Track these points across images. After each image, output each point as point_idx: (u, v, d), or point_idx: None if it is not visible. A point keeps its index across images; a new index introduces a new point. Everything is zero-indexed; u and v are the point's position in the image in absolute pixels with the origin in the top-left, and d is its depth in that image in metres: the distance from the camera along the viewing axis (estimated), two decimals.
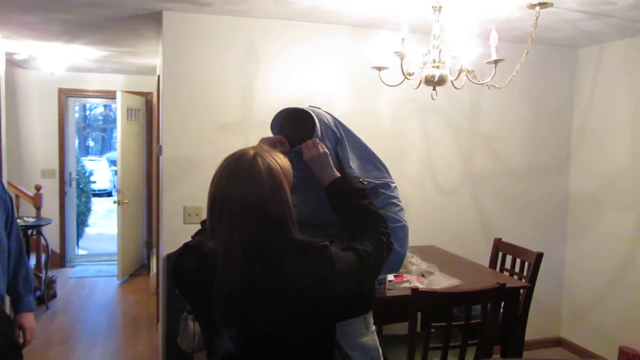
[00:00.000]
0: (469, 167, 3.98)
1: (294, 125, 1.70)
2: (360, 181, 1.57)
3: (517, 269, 3.29)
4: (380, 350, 1.82)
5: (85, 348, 4.25)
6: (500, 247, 3.46)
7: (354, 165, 1.72)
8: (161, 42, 3.47)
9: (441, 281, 2.75)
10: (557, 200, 4.23)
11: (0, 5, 3.30)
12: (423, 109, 3.81)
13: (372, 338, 1.80)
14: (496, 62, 2.50)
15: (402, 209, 1.74)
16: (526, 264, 3.20)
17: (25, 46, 4.69)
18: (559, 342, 4.29)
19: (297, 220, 1.34)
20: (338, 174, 1.57)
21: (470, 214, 4.01)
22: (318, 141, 1.60)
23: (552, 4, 2.93)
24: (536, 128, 4.13)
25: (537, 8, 2.96)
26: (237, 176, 1.27)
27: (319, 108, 1.76)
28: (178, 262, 1.39)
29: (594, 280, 4.03)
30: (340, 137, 1.72)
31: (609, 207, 3.91)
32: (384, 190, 1.72)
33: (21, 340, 2.24)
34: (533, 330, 4.06)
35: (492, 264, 3.47)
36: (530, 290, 3.02)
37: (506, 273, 3.34)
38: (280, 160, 1.33)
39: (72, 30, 3.99)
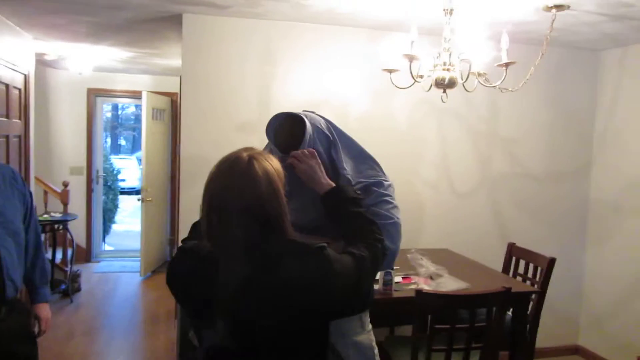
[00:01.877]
0: (485, 170, 3.96)
1: (289, 129, 1.74)
2: (355, 190, 1.62)
3: (530, 274, 3.25)
4: (376, 349, 1.84)
5: (106, 340, 4.37)
6: (513, 252, 3.43)
7: (347, 166, 1.75)
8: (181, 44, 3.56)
9: (449, 284, 2.75)
10: (577, 205, 4.16)
11: (30, 8, 3.44)
12: (440, 112, 3.80)
13: (367, 337, 1.82)
14: (507, 64, 2.49)
15: (395, 207, 1.76)
16: (539, 269, 3.16)
17: (54, 47, 4.85)
18: (576, 350, 4.22)
19: (293, 223, 1.37)
20: (332, 184, 1.62)
21: (486, 218, 3.99)
22: (307, 152, 1.63)
23: (568, 7, 2.91)
24: (556, 131, 4.08)
25: (554, 11, 2.93)
26: (234, 180, 1.30)
27: (313, 112, 1.79)
28: (173, 265, 1.43)
29: (614, 287, 3.95)
30: (333, 139, 1.75)
31: (632, 214, 3.82)
32: (376, 188, 1.75)
33: (36, 329, 2.31)
34: (550, 338, 4.01)
35: (506, 268, 3.44)
36: (541, 296, 2.98)
37: (519, 278, 3.30)
38: (274, 163, 1.37)
39: (98, 32, 4.12)
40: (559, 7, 2.90)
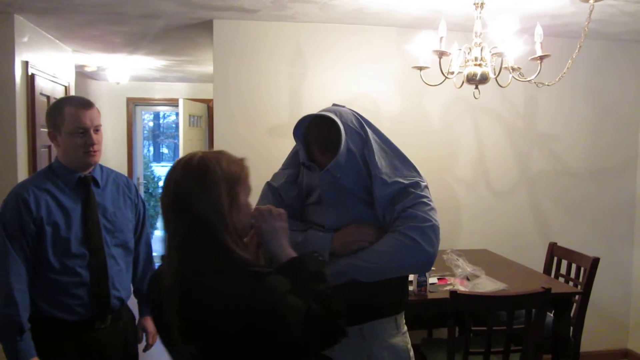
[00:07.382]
0: (524, 168, 3.84)
1: (320, 130, 1.65)
2: (320, 262, 1.35)
3: (573, 275, 3.13)
4: (412, 352, 1.80)
5: None
6: (555, 252, 3.31)
7: (382, 162, 1.68)
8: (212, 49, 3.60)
9: (486, 285, 2.67)
10: (622, 202, 3.98)
11: (67, 21, 3.55)
12: (474, 109, 3.71)
13: (402, 339, 1.78)
14: (541, 58, 2.41)
15: (432, 209, 1.69)
16: (582, 269, 3.04)
17: (93, 59, 5.00)
18: (626, 354, 4.03)
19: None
20: (293, 253, 1.37)
21: (526, 217, 3.86)
22: (277, 212, 1.41)
23: None
24: (600, 127, 3.91)
25: (591, 1, 2.82)
26: (172, 173, 1.26)
27: (343, 106, 1.74)
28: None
29: None
30: (365, 137, 1.68)
31: None
32: (413, 190, 1.67)
33: (144, 342, 2.20)
34: (598, 341, 3.86)
35: (547, 269, 3.32)
36: (585, 297, 2.86)
37: (561, 279, 3.18)
38: (226, 165, 1.24)
39: (133, 42, 4.22)
40: None
